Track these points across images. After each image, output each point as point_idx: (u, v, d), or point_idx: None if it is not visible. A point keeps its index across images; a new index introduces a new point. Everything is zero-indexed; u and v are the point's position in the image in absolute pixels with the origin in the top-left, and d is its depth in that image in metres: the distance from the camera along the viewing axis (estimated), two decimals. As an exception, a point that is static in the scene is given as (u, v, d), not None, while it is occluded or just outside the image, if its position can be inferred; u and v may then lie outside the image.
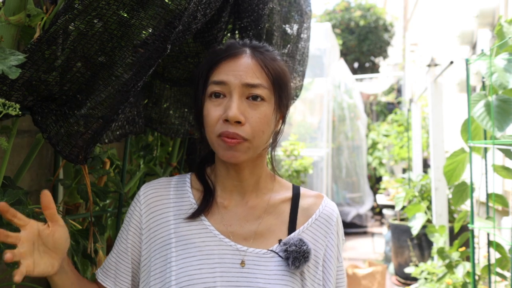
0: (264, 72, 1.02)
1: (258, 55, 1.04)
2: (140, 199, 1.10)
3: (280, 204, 1.11)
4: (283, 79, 1.06)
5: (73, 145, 1.00)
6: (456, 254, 2.81)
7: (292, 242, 1.02)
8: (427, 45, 8.08)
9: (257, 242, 1.05)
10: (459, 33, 4.31)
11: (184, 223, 1.06)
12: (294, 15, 1.53)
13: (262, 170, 1.11)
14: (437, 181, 3.59)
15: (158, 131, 1.46)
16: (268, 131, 1.03)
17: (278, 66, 1.06)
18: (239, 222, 1.07)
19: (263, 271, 1.01)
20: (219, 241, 1.03)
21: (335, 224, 1.11)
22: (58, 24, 0.87)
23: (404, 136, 7.29)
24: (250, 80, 1.00)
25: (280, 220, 1.09)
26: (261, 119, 1.00)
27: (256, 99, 1.00)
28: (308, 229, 1.09)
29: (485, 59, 1.82)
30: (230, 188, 1.10)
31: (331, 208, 1.13)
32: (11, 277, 1.12)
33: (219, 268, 1.00)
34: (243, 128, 0.99)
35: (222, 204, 1.09)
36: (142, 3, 0.92)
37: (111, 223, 1.55)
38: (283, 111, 1.09)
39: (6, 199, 0.93)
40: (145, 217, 1.08)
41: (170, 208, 1.08)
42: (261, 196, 1.11)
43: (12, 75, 0.79)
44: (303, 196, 1.13)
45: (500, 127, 1.75)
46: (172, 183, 1.12)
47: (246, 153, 1.01)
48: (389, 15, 13.31)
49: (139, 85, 1.02)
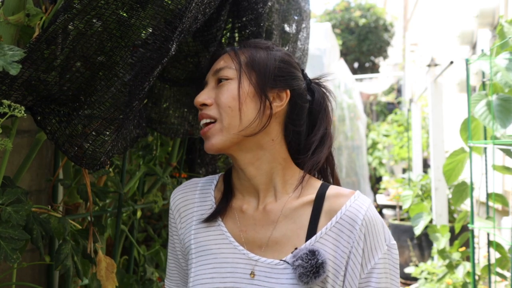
0: (231, 57, 1.01)
1: (238, 46, 1.05)
2: (171, 206, 1.11)
3: (300, 207, 0.98)
4: (255, 58, 1.00)
5: (78, 146, 1.00)
6: (456, 254, 2.81)
7: (299, 255, 0.91)
8: (427, 45, 8.08)
9: (271, 250, 0.97)
10: (459, 33, 4.31)
11: (203, 227, 1.04)
12: (293, 13, 1.53)
13: (273, 165, 1.01)
14: (437, 181, 3.59)
15: (158, 131, 1.46)
16: (237, 107, 0.96)
17: (255, 50, 1.02)
18: (254, 227, 1.00)
19: (273, 284, 0.93)
20: (233, 249, 0.99)
21: (362, 226, 0.93)
22: (57, 24, 0.86)
23: (404, 136, 7.29)
24: (216, 67, 1.02)
25: (299, 224, 0.97)
26: (226, 96, 0.97)
27: (221, 81, 1.00)
28: (328, 233, 0.95)
29: (486, 59, 1.82)
30: (245, 190, 1.03)
31: (359, 206, 0.95)
32: (11, 277, 1.12)
33: (230, 278, 0.97)
34: (210, 107, 0.99)
35: (239, 207, 1.03)
36: (142, 3, 0.92)
37: (111, 223, 1.54)
38: (266, 88, 0.98)
39: (5, 198, 0.93)
40: (179, 223, 1.09)
41: (194, 212, 1.07)
42: (281, 198, 1.00)
43: (13, 70, 0.78)
44: (329, 197, 0.98)
45: (502, 124, 1.77)
46: (199, 185, 1.11)
47: (219, 135, 0.97)
48: (389, 15, 13.30)
49: (145, 87, 1.01)
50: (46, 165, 1.43)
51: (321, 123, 1.06)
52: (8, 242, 0.91)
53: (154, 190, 1.66)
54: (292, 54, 1.15)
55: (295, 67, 1.05)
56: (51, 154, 1.44)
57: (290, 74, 1.02)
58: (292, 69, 1.04)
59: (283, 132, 1.03)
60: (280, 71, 1.01)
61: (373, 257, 0.93)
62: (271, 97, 0.99)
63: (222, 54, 1.04)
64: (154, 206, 1.59)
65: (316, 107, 1.07)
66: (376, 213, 0.97)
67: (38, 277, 1.38)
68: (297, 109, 1.03)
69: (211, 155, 1.72)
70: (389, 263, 0.95)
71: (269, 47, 1.04)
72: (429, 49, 7.34)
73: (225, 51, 1.04)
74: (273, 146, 1.01)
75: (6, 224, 0.92)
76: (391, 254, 0.95)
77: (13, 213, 0.93)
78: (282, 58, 1.03)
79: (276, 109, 1.00)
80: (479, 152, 2.14)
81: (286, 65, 1.03)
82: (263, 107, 0.98)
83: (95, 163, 1.03)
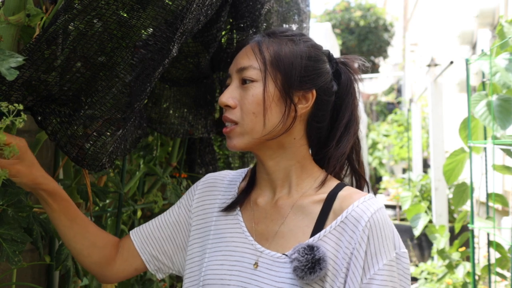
0: (255, 53, 0.97)
1: (263, 38, 1.00)
2: (199, 184, 1.12)
3: (311, 204, 0.97)
4: (281, 56, 0.96)
5: (80, 146, 1.00)
6: (456, 254, 2.81)
7: (298, 249, 0.90)
8: (427, 45, 8.08)
9: (276, 244, 0.97)
10: (459, 33, 4.31)
11: (223, 216, 1.06)
12: (293, 15, 1.53)
13: (291, 163, 1.00)
14: (437, 181, 3.60)
15: (158, 131, 1.46)
16: (261, 113, 0.95)
17: (279, 45, 0.97)
18: (266, 220, 1.00)
19: (272, 277, 0.93)
20: (244, 239, 1.00)
21: (366, 227, 0.89)
22: (57, 24, 0.86)
23: (404, 136, 7.29)
24: (240, 64, 0.98)
25: (307, 221, 0.96)
26: (250, 101, 0.95)
27: (246, 82, 0.97)
28: (332, 232, 0.92)
29: (486, 59, 1.83)
30: (263, 183, 1.04)
31: (365, 208, 0.91)
32: (11, 277, 1.12)
33: (237, 266, 0.97)
34: (233, 111, 0.97)
35: (255, 200, 1.04)
36: (142, 4, 0.92)
37: (111, 223, 1.54)
38: (291, 91, 0.95)
39: (7, 199, 0.93)
40: (196, 202, 1.10)
41: (217, 199, 1.09)
42: (294, 195, 0.99)
43: (10, 76, 0.78)
44: (340, 197, 0.96)
45: (502, 125, 1.77)
46: (230, 175, 1.12)
47: (241, 138, 0.97)
48: (389, 15, 13.31)
49: (146, 88, 1.01)
50: (46, 165, 1.43)
51: (346, 109, 1.02)
52: (10, 244, 0.91)
53: (154, 190, 1.66)
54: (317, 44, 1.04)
55: (321, 60, 1.00)
56: (51, 154, 1.44)
57: (317, 72, 0.98)
58: (318, 65, 0.99)
59: (305, 130, 1.01)
60: (307, 70, 0.97)
61: (377, 262, 0.88)
62: (296, 99, 0.97)
63: (246, 45, 1.00)
64: (154, 206, 1.59)
65: (342, 92, 1.02)
66: (385, 218, 0.92)
67: (38, 277, 1.38)
68: (323, 105, 1.00)
69: (211, 155, 1.73)
70: (397, 272, 0.89)
71: (294, 38, 0.99)
72: (429, 49, 7.34)
73: (249, 43, 1.00)
74: (294, 145, 1.00)
75: (8, 226, 0.92)
76: (401, 263, 0.90)
77: (15, 214, 0.93)
78: (309, 54, 0.98)
79: (301, 110, 0.98)
80: (479, 152, 2.14)
81: (313, 62, 0.98)
82: (288, 110, 0.96)
83: (97, 164, 1.03)
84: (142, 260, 1.08)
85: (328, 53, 1.03)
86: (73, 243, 1.04)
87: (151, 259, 1.08)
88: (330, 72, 1.01)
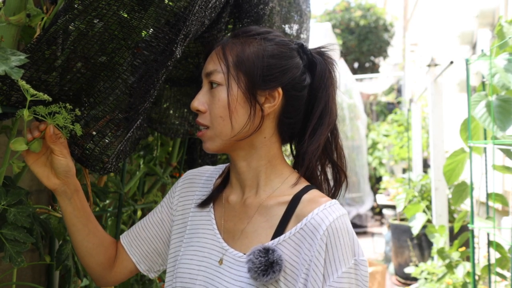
0: (219, 57, 0.98)
1: (228, 40, 1.00)
2: (179, 181, 1.15)
3: (275, 206, 0.98)
4: (243, 58, 0.96)
5: (82, 147, 1.00)
6: (456, 254, 2.81)
7: (253, 250, 0.91)
8: (427, 45, 8.08)
9: (240, 243, 0.99)
10: (459, 33, 4.31)
11: (199, 211, 1.08)
12: (294, 15, 1.53)
13: (262, 163, 1.01)
14: (437, 181, 3.59)
15: (158, 131, 1.46)
16: (228, 116, 0.95)
17: (243, 46, 0.97)
18: (234, 219, 1.02)
19: (233, 275, 0.95)
20: (213, 236, 1.03)
21: (324, 235, 0.89)
22: (58, 24, 0.87)
23: (404, 136, 7.29)
24: (207, 69, 1.00)
25: (270, 223, 0.97)
26: (217, 105, 0.96)
27: (213, 86, 0.98)
28: (291, 238, 0.93)
29: (485, 59, 1.82)
30: (234, 182, 1.05)
31: (324, 216, 0.90)
32: (11, 277, 1.12)
33: (205, 262, 1.00)
34: (204, 115, 0.99)
35: (227, 197, 1.06)
36: (143, 4, 0.92)
37: (111, 223, 1.55)
38: (255, 91, 0.95)
39: (9, 199, 0.94)
40: (177, 199, 1.12)
41: (195, 195, 1.11)
42: (261, 195, 1.00)
43: (15, 75, 0.79)
44: (304, 201, 0.96)
45: (502, 127, 1.76)
46: (209, 171, 1.15)
47: (213, 141, 0.99)
48: (389, 15, 13.30)
49: (150, 90, 1.01)
50: (46, 165, 1.43)
51: (320, 100, 1.00)
52: (13, 245, 0.91)
53: (154, 190, 1.67)
54: (287, 37, 1.02)
55: (287, 56, 0.98)
56: (52, 154, 1.44)
57: (282, 69, 0.97)
58: (283, 62, 0.97)
59: (277, 128, 1.01)
60: (270, 69, 0.96)
61: (337, 270, 0.88)
62: (262, 98, 0.97)
63: (213, 50, 1.01)
64: (154, 206, 1.60)
65: (316, 83, 1.01)
66: (346, 225, 0.91)
67: (38, 277, 1.38)
68: (293, 101, 0.99)
69: (211, 155, 1.73)
70: (355, 278, 0.89)
71: (258, 37, 0.98)
72: (429, 49, 7.34)
73: (215, 48, 1.02)
74: (265, 144, 1.00)
75: (12, 226, 0.92)
76: (359, 270, 0.90)
77: (18, 215, 0.93)
78: (272, 53, 0.97)
79: (268, 110, 0.98)
80: (479, 152, 2.14)
81: (276, 59, 0.97)
82: (254, 111, 0.96)
83: (100, 165, 1.03)
84: (133, 261, 1.11)
85: (299, 47, 1.01)
86: (85, 241, 1.05)
87: (141, 259, 1.11)
88: (300, 66, 0.99)
